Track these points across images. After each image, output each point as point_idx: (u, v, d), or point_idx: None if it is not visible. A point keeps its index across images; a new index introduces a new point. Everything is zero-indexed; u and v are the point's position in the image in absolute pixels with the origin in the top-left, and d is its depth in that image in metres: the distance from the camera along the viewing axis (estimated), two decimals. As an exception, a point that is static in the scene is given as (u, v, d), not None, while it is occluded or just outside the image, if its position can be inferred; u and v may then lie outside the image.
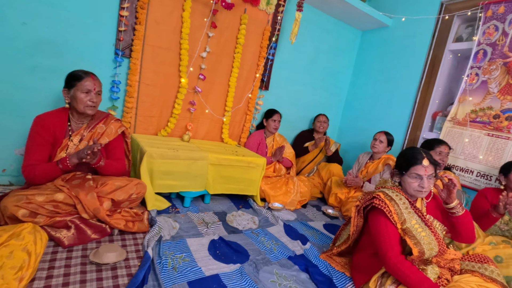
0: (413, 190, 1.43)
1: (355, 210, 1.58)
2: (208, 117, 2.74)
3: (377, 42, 3.43)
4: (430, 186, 1.41)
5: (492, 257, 1.70)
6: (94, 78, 1.62)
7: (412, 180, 1.42)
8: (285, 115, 3.20)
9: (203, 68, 2.57)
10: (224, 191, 2.35)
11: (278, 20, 2.82)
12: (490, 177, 2.31)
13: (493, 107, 2.34)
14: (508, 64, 2.27)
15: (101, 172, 1.71)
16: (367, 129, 3.40)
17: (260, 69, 2.86)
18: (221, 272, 1.47)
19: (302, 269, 1.64)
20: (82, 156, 1.50)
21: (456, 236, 1.49)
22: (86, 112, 1.61)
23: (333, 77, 3.59)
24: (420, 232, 1.35)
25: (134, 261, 1.43)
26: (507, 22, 2.30)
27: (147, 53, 2.30)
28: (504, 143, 2.26)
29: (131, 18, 2.19)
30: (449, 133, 2.59)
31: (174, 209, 2.10)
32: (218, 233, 1.88)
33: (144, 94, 2.37)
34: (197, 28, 2.45)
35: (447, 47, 2.74)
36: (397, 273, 1.30)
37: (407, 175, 1.44)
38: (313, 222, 2.37)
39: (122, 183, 1.65)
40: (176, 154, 2.07)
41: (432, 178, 1.42)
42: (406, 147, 2.95)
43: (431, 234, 1.35)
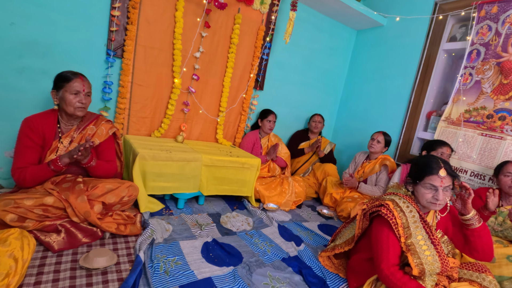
0: (426, 201, 1.34)
1: (361, 213, 1.53)
2: (202, 117, 2.72)
3: (372, 41, 3.43)
4: (445, 199, 1.31)
5: (485, 257, 1.71)
6: (83, 79, 1.60)
7: (426, 191, 1.33)
8: (280, 115, 3.19)
9: (196, 68, 2.54)
10: (218, 192, 2.34)
11: (272, 20, 2.81)
12: (484, 177, 2.32)
13: (487, 107, 2.35)
14: (501, 64, 2.28)
15: (92, 173, 1.69)
16: (362, 129, 3.41)
17: (255, 69, 2.84)
18: (213, 275, 1.45)
19: (295, 271, 1.63)
20: (73, 154, 1.48)
21: (471, 252, 1.36)
22: (76, 114, 1.59)
23: (328, 76, 3.58)
24: (424, 250, 1.28)
25: (125, 265, 1.41)
26: (500, 22, 2.31)
27: (140, 54, 2.28)
28: (497, 143, 2.27)
29: (122, 18, 2.16)
30: (443, 133, 2.60)
31: (168, 211, 2.09)
32: (211, 235, 1.86)
33: (136, 95, 2.35)
34: (190, 28, 2.42)
35: (441, 47, 2.74)
36: (389, 284, 1.28)
37: (421, 185, 1.34)
38: (307, 223, 2.37)
39: (113, 186, 1.63)
40: (169, 156, 2.05)
41: (448, 191, 1.32)
42: (401, 147, 2.96)
43: (436, 254, 1.27)
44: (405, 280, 1.24)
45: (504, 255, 1.67)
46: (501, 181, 1.94)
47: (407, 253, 1.29)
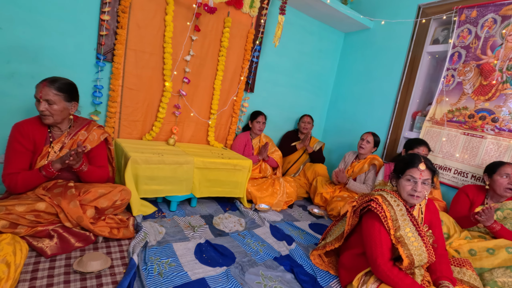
0: (406, 194, 1.42)
1: (351, 210, 1.58)
2: (193, 120, 2.74)
3: (359, 44, 3.52)
4: (424, 192, 1.40)
5: (467, 250, 1.79)
6: (44, 86, 1.49)
7: (406, 183, 1.42)
8: (271, 117, 3.23)
9: (187, 71, 2.57)
10: (211, 194, 2.36)
11: (262, 23, 2.85)
12: (466, 174, 2.42)
13: (468, 107, 2.45)
14: (481, 66, 2.38)
15: (84, 179, 1.69)
16: (351, 129, 3.48)
17: (245, 71, 2.88)
18: (207, 276, 1.48)
19: (287, 269, 1.68)
20: (65, 159, 1.48)
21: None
22: (43, 122, 1.55)
23: (317, 78, 3.65)
24: (412, 241, 1.34)
25: (119, 268, 1.42)
26: (479, 26, 2.41)
27: (130, 57, 2.28)
28: (478, 142, 2.37)
29: (112, 22, 2.17)
30: (428, 133, 2.69)
31: (160, 214, 2.10)
32: (204, 236, 1.89)
33: (127, 99, 2.35)
34: (180, 31, 2.45)
35: (425, 49, 2.84)
36: (386, 280, 1.34)
37: (402, 177, 1.44)
38: (299, 222, 2.42)
39: (105, 190, 1.64)
40: (161, 159, 2.07)
41: (428, 184, 1.41)
42: (388, 146, 3.04)
43: (422, 245, 1.35)
44: (401, 276, 1.32)
45: (484, 248, 1.75)
46: (496, 182, 1.96)
47: (397, 245, 1.35)
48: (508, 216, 1.91)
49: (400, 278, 1.31)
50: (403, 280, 1.30)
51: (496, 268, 1.65)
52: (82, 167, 1.61)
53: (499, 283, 1.58)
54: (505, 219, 1.91)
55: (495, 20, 2.33)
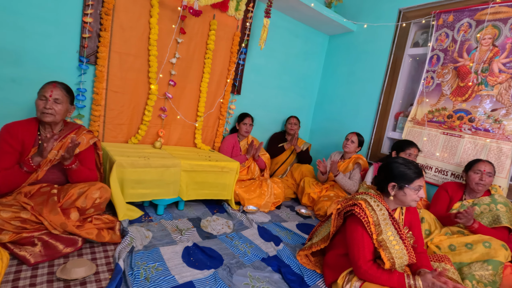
0: (411, 201, 1.47)
1: (336, 213, 1.61)
2: (180, 123, 2.73)
3: (344, 46, 3.59)
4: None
5: (447, 245, 1.86)
6: (55, 86, 1.60)
7: (414, 192, 1.45)
8: (258, 118, 3.26)
9: (173, 74, 2.56)
10: (198, 197, 2.36)
11: (247, 26, 2.88)
12: (446, 172, 2.51)
13: (447, 107, 2.55)
14: (458, 68, 2.48)
15: (72, 178, 1.68)
16: (337, 130, 3.55)
17: (231, 74, 2.89)
18: (195, 279, 1.48)
19: (275, 269, 1.70)
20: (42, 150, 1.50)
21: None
22: (42, 119, 1.58)
23: (303, 80, 3.70)
24: (394, 245, 1.39)
25: (104, 274, 1.41)
26: (456, 30, 2.51)
27: (114, 60, 2.26)
28: (456, 141, 2.46)
29: (95, 25, 2.14)
30: (410, 133, 2.78)
31: (147, 218, 2.08)
32: (192, 239, 1.89)
33: (112, 102, 2.32)
34: (165, 34, 2.44)
35: (406, 52, 2.93)
36: (368, 278, 1.40)
37: (410, 187, 1.45)
38: (286, 223, 2.45)
39: (83, 189, 1.62)
40: (147, 162, 2.05)
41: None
42: (372, 146, 3.12)
43: (404, 248, 1.40)
44: (379, 274, 1.37)
45: (463, 243, 1.82)
46: (470, 177, 2.07)
47: (379, 248, 1.39)
48: (485, 211, 2.00)
49: (381, 273, 1.37)
50: (381, 277, 1.36)
51: (474, 262, 1.72)
52: (73, 166, 1.62)
53: (477, 276, 1.66)
54: (481, 213, 2.00)
55: (470, 24, 2.43)
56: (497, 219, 1.93)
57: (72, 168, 1.63)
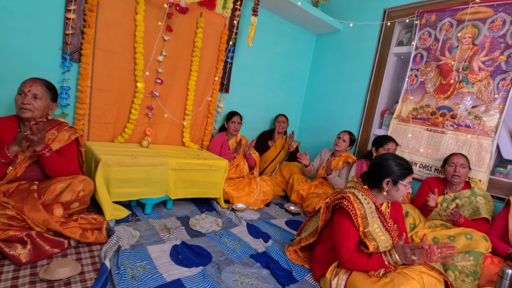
0: (401, 196, 1.52)
1: (324, 206, 1.64)
2: (168, 121, 2.71)
3: (331, 45, 3.64)
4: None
5: (431, 238, 1.91)
6: (35, 81, 1.58)
7: (405, 187, 1.51)
8: (246, 117, 3.26)
9: (160, 72, 2.53)
10: (187, 196, 2.34)
11: (235, 24, 2.87)
12: (430, 168, 2.58)
13: (430, 105, 2.62)
14: (440, 66, 2.56)
15: (48, 168, 1.61)
16: (325, 128, 3.59)
17: (219, 72, 2.88)
18: (183, 277, 1.47)
19: (263, 265, 1.71)
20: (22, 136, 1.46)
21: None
22: (21, 116, 1.55)
23: (292, 79, 3.73)
24: (380, 236, 1.44)
25: (90, 274, 1.38)
26: (438, 29, 2.58)
27: (99, 57, 2.22)
28: (440, 137, 2.53)
29: (79, 21, 2.09)
30: (396, 130, 2.84)
31: (134, 217, 2.05)
32: (180, 238, 1.87)
33: (97, 100, 2.28)
34: (152, 31, 2.41)
35: (391, 51, 2.99)
36: (350, 265, 1.43)
37: (403, 183, 1.51)
38: (275, 220, 2.46)
39: (65, 183, 1.58)
40: (134, 161, 2.03)
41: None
42: (360, 143, 3.17)
43: (389, 238, 1.46)
44: (359, 258, 1.41)
45: (446, 235, 1.88)
46: (446, 170, 2.18)
47: (365, 239, 1.43)
48: (465, 203, 2.06)
49: (362, 256, 1.41)
50: (361, 260, 1.41)
51: (457, 254, 1.78)
52: (45, 152, 1.55)
53: (459, 267, 1.71)
54: (462, 206, 2.06)
55: (451, 24, 2.51)
56: (477, 211, 1.99)
57: (44, 155, 1.55)
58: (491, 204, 2.05)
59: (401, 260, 1.39)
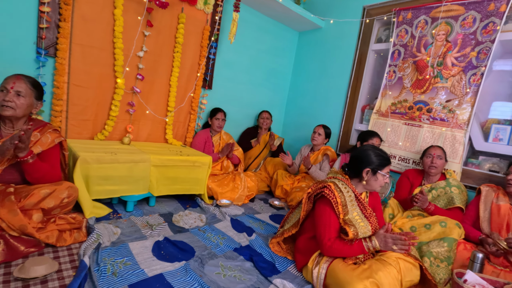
0: (379, 186, 1.59)
1: (306, 197, 1.68)
2: (150, 118, 2.67)
3: (313, 42, 3.69)
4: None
5: (409, 227, 1.98)
6: (18, 78, 1.52)
7: (383, 177, 1.57)
8: (230, 113, 3.26)
9: (141, 68, 2.49)
10: (170, 192, 2.32)
11: (217, 20, 2.87)
12: (409, 160, 2.67)
13: (408, 99, 2.70)
14: (417, 62, 2.65)
15: (30, 174, 1.56)
16: (309, 123, 3.63)
17: (202, 68, 2.87)
18: (165, 271, 1.47)
19: (246, 258, 1.72)
20: (7, 147, 1.39)
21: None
22: (2, 113, 1.49)
23: (275, 75, 3.75)
24: (359, 222, 1.50)
25: (68, 271, 1.35)
26: (414, 26, 2.67)
27: (76, 53, 2.16)
28: (417, 131, 2.62)
29: (53, 15, 2.03)
30: (376, 124, 2.92)
31: (116, 215, 2.02)
32: (163, 234, 1.86)
33: (75, 97, 2.22)
34: (131, 26, 2.37)
35: (371, 47, 3.07)
36: (332, 252, 1.48)
37: (381, 172, 1.57)
38: (260, 214, 2.48)
39: (49, 189, 1.53)
40: (114, 158, 1.99)
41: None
42: (341, 138, 3.24)
43: (368, 224, 1.52)
44: (341, 246, 1.46)
45: (423, 224, 1.95)
46: (423, 162, 2.26)
47: (345, 226, 1.49)
48: (441, 194, 2.15)
49: (343, 244, 1.47)
50: (345, 245, 1.46)
51: (432, 241, 1.85)
52: (29, 158, 1.49)
53: (434, 253, 1.78)
54: (438, 197, 2.15)
55: (426, 21, 2.60)
56: (451, 200, 2.08)
57: (27, 161, 1.49)
58: (465, 193, 2.15)
59: (381, 247, 1.45)
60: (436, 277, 1.69)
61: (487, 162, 2.30)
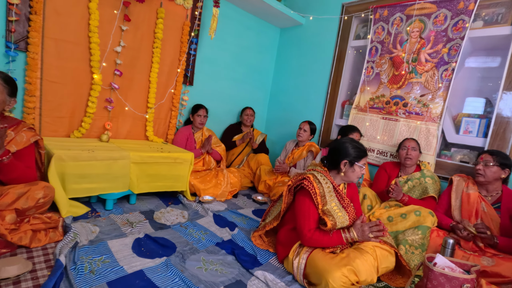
0: (356, 177, 1.63)
1: (287, 189, 1.71)
2: (129, 115, 2.62)
3: (294, 39, 3.72)
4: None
5: (386, 217, 2.06)
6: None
7: (360, 168, 1.61)
8: (213, 110, 3.25)
9: (119, 63, 2.43)
10: (151, 190, 2.29)
11: (197, 15, 2.84)
12: (386, 154, 2.76)
13: (385, 94, 2.79)
14: (393, 58, 2.73)
15: (4, 174, 1.50)
16: (291, 119, 3.68)
17: (182, 64, 2.83)
18: (145, 268, 1.45)
19: (228, 252, 1.73)
20: None
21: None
22: None
23: (257, 72, 3.76)
24: (337, 212, 1.55)
25: (43, 271, 1.31)
26: (390, 24, 2.75)
27: (49, 47, 2.08)
28: (394, 125, 2.71)
29: (24, 7, 1.95)
30: (355, 119, 2.99)
31: (94, 214, 1.97)
32: (144, 231, 1.83)
33: (49, 93, 2.15)
34: (108, 20, 2.31)
35: (349, 44, 3.14)
36: (312, 243, 1.53)
37: (358, 164, 1.60)
38: (243, 210, 2.49)
39: (24, 190, 1.48)
40: (92, 155, 1.94)
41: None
42: (323, 133, 3.30)
43: (346, 214, 1.57)
44: (321, 236, 1.51)
45: (399, 214, 2.03)
46: (399, 154, 2.35)
47: (324, 216, 1.53)
48: (416, 184, 2.24)
49: (322, 235, 1.51)
50: (324, 236, 1.51)
51: (407, 229, 1.93)
52: (4, 159, 1.43)
53: (409, 241, 1.86)
54: (414, 187, 2.24)
55: (401, 18, 2.69)
56: (425, 190, 2.18)
57: (2, 161, 1.44)
58: (438, 184, 2.25)
59: (358, 237, 1.51)
60: (411, 263, 1.77)
61: (459, 154, 2.42)
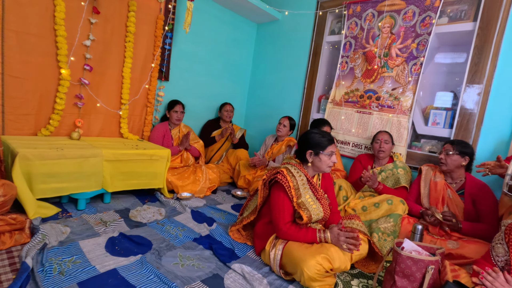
0: (326, 166, 1.61)
1: (262, 183, 1.71)
2: (102, 111, 2.53)
3: (271, 34, 3.73)
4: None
5: (360, 207, 2.13)
6: None
7: (327, 157, 1.60)
8: (190, 106, 3.20)
9: (88, 58, 2.34)
10: (126, 188, 2.23)
11: (171, 9, 2.78)
12: (361, 146, 2.84)
13: (359, 88, 2.86)
14: (366, 53, 2.81)
15: None
16: (270, 115, 3.70)
17: (157, 59, 2.77)
18: (119, 266, 1.42)
19: (206, 247, 1.72)
20: None
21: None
22: None
23: (235, 67, 3.75)
24: (312, 205, 1.56)
25: (7, 275, 1.25)
26: (363, 19, 2.82)
27: (10, 40, 1.97)
28: (367, 118, 2.80)
29: (-20, -3, 1.82)
30: (331, 113, 3.05)
31: (65, 214, 1.90)
32: (118, 230, 1.79)
33: (12, 89, 2.03)
34: (75, 13, 2.21)
35: (325, 39, 3.19)
36: (286, 237, 1.55)
37: (324, 153, 1.60)
38: (221, 205, 2.49)
39: None
40: (61, 154, 1.86)
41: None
42: (301, 128, 3.34)
43: (320, 206, 1.58)
44: (296, 231, 1.52)
45: (372, 203, 2.11)
46: (373, 147, 2.43)
47: (299, 209, 1.54)
48: (389, 175, 2.33)
49: (297, 230, 1.53)
50: (299, 231, 1.52)
51: (380, 218, 2.01)
52: None
53: (382, 228, 1.94)
54: (387, 178, 2.33)
55: (373, 14, 2.76)
56: (398, 180, 2.27)
57: None
58: (409, 174, 2.35)
59: (332, 242, 1.50)
60: (383, 250, 1.84)
61: (427, 144, 2.53)
